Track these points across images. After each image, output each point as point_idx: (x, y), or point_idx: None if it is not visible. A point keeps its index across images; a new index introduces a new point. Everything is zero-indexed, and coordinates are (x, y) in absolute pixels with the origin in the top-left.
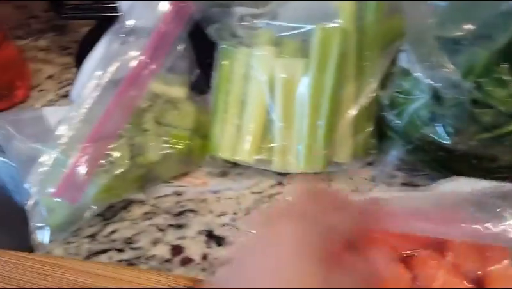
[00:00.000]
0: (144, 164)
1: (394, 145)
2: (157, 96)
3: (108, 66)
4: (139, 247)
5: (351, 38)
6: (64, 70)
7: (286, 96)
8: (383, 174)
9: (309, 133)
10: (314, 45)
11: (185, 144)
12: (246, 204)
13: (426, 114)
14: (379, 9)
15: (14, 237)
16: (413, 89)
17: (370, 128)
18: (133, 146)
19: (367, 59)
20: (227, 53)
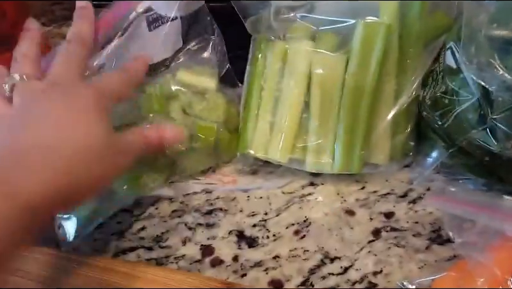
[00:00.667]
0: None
1: (435, 147)
2: (186, 86)
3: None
4: (168, 245)
5: (394, 35)
6: None
7: (323, 93)
8: (421, 177)
9: (346, 132)
10: (356, 40)
11: (213, 137)
12: (277, 204)
13: (474, 117)
14: (423, 6)
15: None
16: (460, 90)
17: (410, 128)
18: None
19: (409, 57)
20: (262, 46)
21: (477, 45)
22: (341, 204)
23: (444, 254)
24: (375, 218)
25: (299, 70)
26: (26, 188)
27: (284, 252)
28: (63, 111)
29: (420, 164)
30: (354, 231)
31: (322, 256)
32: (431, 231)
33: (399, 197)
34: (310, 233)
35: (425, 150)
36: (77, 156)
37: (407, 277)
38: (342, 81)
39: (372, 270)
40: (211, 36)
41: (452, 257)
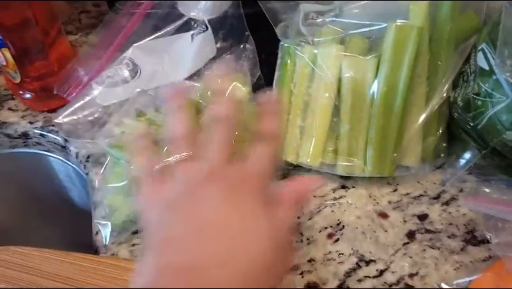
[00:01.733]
0: None
1: (467, 148)
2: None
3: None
4: None
5: (425, 37)
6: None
7: (354, 97)
8: (454, 178)
9: (378, 135)
10: (388, 43)
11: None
12: (309, 208)
13: (508, 118)
14: (453, 7)
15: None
16: (494, 92)
17: (441, 130)
18: None
19: (440, 59)
20: (290, 51)
21: (510, 47)
22: (373, 207)
23: (479, 255)
24: (408, 221)
25: (329, 74)
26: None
27: (319, 256)
28: (224, 217)
29: (452, 165)
30: (389, 233)
31: (357, 259)
32: (466, 232)
33: (432, 198)
34: (344, 236)
35: (457, 151)
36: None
37: (443, 279)
38: (372, 84)
39: (408, 272)
40: (244, 44)
41: (488, 258)
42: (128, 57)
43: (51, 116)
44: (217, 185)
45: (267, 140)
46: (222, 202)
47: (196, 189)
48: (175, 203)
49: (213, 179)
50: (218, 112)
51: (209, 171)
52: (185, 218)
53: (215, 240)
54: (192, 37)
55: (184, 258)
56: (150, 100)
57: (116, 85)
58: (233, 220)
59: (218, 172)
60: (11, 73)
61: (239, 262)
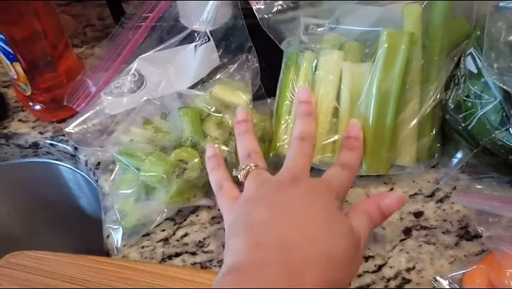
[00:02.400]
0: None
1: (459, 148)
2: (222, 102)
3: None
4: (210, 250)
5: (417, 42)
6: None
7: (352, 99)
8: (447, 177)
9: (373, 136)
10: (381, 49)
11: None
12: None
13: (496, 118)
14: (445, 12)
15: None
16: (482, 93)
17: (435, 131)
18: (202, 153)
19: (432, 63)
20: (293, 57)
21: (497, 51)
22: None
23: (473, 249)
24: (405, 218)
25: (329, 78)
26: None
27: None
28: (311, 209)
29: (445, 165)
30: (386, 230)
31: None
32: (459, 228)
33: (427, 196)
34: None
35: (450, 151)
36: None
37: (439, 272)
38: (368, 88)
39: (405, 266)
40: (246, 54)
41: (481, 252)
42: (134, 68)
43: (60, 126)
44: (297, 186)
45: (344, 168)
46: (303, 197)
47: (278, 186)
48: (257, 198)
49: (293, 183)
50: (299, 131)
51: (290, 178)
52: (269, 206)
53: (301, 225)
54: (196, 48)
55: (273, 237)
56: (156, 109)
57: (123, 95)
58: (317, 212)
59: (297, 180)
60: (22, 86)
61: (326, 245)
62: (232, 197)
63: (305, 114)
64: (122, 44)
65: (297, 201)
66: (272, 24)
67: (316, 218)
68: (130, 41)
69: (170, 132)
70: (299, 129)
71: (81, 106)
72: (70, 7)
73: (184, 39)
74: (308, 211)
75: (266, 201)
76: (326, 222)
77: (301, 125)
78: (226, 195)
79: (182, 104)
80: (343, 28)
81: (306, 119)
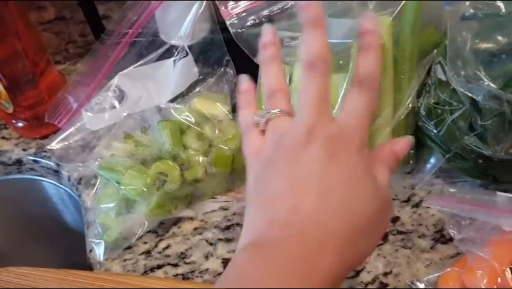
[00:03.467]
0: (191, 181)
1: (432, 154)
2: (201, 115)
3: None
4: (192, 261)
5: (388, 52)
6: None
7: None
8: (422, 182)
9: None
10: (352, 59)
11: (230, 165)
12: None
13: (465, 124)
14: (414, 23)
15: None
16: (451, 100)
17: None
18: (182, 165)
19: (404, 72)
20: None
21: (463, 60)
22: None
23: (448, 252)
24: None
25: None
26: (324, 268)
27: None
28: (330, 174)
29: (420, 170)
30: None
31: None
32: (435, 232)
33: (403, 202)
34: None
35: (424, 157)
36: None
37: (415, 276)
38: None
39: (382, 271)
40: (224, 68)
41: (456, 255)
42: (115, 84)
43: (43, 143)
44: (314, 144)
45: (363, 85)
46: (321, 161)
47: (293, 150)
48: (273, 162)
49: (309, 140)
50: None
51: (305, 131)
52: (284, 175)
53: (320, 198)
54: (174, 63)
55: (290, 214)
56: (137, 123)
57: (104, 111)
58: (338, 177)
59: (313, 131)
60: (4, 103)
61: (349, 218)
62: (256, 147)
63: (311, 27)
64: (102, 60)
65: (313, 168)
66: (246, 38)
67: (337, 187)
68: (110, 57)
69: (150, 145)
70: (304, 51)
71: (63, 122)
72: (51, 25)
73: (163, 54)
74: (327, 179)
75: (281, 167)
76: (348, 189)
77: (307, 44)
78: (251, 143)
79: (161, 118)
80: None
81: (311, 35)
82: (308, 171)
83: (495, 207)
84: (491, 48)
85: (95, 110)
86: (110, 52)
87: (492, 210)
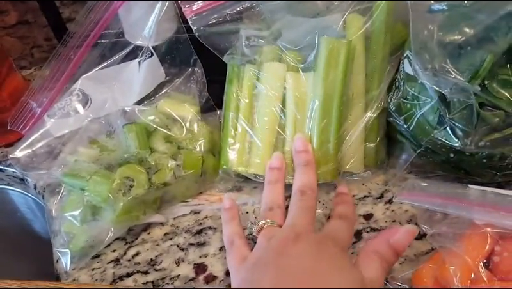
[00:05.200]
0: (160, 185)
1: (404, 149)
2: (169, 116)
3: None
4: (163, 268)
5: (359, 51)
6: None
7: (296, 110)
8: (395, 177)
9: (319, 145)
10: (321, 56)
11: (200, 167)
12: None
13: (434, 118)
14: (385, 20)
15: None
16: (420, 95)
17: (381, 136)
18: (149, 169)
19: (375, 70)
20: (236, 70)
21: (429, 53)
22: (322, 211)
23: (423, 248)
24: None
25: (272, 90)
26: None
27: None
28: (319, 267)
29: (393, 166)
30: None
31: None
32: None
33: (376, 198)
34: None
35: (396, 152)
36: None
37: (389, 273)
38: (312, 97)
39: None
40: (192, 67)
41: (431, 250)
42: (78, 88)
43: (8, 151)
44: (303, 242)
45: (343, 219)
46: (310, 256)
47: (282, 245)
48: (261, 259)
49: (298, 239)
50: (301, 184)
51: (293, 231)
52: (274, 270)
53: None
54: (140, 64)
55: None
56: (102, 127)
57: (68, 116)
58: (326, 270)
59: (303, 233)
60: None
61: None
62: (241, 257)
63: (303, 164)
64: (65, 63)
65: (302, 262)
66: (210, 36)
67: (325, 277)
68: (72, 59)
69: (116, 149)
70: (298, 182)
71: (26, 129)
72: (15, 29)
73: (127, 55)
74: (316, 271)
75: (271, 264)
76: (335, 280)
77: (300, 177)
78: (235, 254)
79: (127, 121)
80: (284, 39)
81: (304, 170)
82: (297, 264)
83: (467, 200)
84: (457, 40)
85: (58, 115)
86: (72, 55)
87: (464, 203)
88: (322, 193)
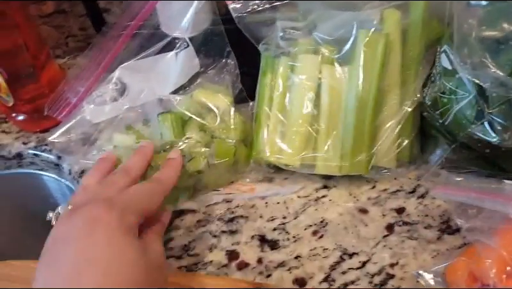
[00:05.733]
0: (194, 173)
1: (438, 144)
2: (203, 106)
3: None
4: (196, 253)
5: (395, 45)
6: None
7: (331, 101)
8: (428, 173)
9: (354, 137)
10: (358, 48)
11: (232, 156)
12: (294, 208)
13: (472, 113)
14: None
15: None
16: (457, 89)
17: (415, 132)
18: (184, 157)
19: (411, 65)
20: (270, 62)
21: (469, 47)
22: (354, 204)
23: (455, 242)
24: (387, 215)
25: (307, 81)
26: None
27: (305, 252)
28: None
29: (425, 161)
30: (369, 227)
31: (341, 252)
32: (441, 223)
33: (408, 193)
34: (328, 233)
35: (430, 148)
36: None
37: (422, 267)
38: (347, 89)
39: (388, 262)
40: (226, 59)
41: (463, 245)
42: (116, 77)
43: (44, 136)
44: (73, 218)
45: (153, 182)
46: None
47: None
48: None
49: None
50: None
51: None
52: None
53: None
54: (176, 55)
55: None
56: (138, 116)
57: (105, 103)
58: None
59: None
60: (4, 97)
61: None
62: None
63: (136, 152)
64: (103, 53)
65: (76, 240)
66: (248, 24)
67: (94, 260)
68: (111, 50)
69: (152, 138)
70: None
71: (62, 115)
72: (51, 18)
73: (164, 47)
74: (88, 250)
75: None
76: (105, 263)
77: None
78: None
79: (162, 110)
80: (319, 31)
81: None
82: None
83: (502, 195)
84: (497, 35)
85: (96, 102)
86: (111, 45)
87: (499, 198)
88: (353, 187)
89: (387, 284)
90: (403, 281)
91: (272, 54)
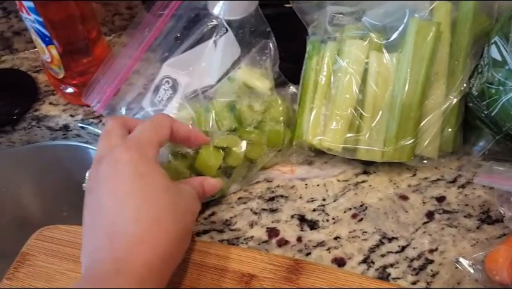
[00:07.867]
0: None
1: (481, 135)
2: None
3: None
4: (237, 228)
5: (445, 35)
6: (146, 63)
7: (377, 87)
8: (470, 164)
9: (399, 124)
10: (409, 36)
11: (281, 141)
12: (334, 191)
13: None
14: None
15: None
16: (507, 80)
17: (459, 123)
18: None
19: (459, 56)
20: (316, 47)
21: None
22: (394, 190)
23: (494, 232)
24: (427, 202)
25: (352, 68)
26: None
27: (344, 234)
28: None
29: (468, 152)
30: (409, 213)
31: (380, 236)
32: (481, 213)
33: (449, 182)
34: (367, 216)
35: (473, 138)
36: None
37: (461, 254)
38: (394, 76)
39: (428, 248)
40: (266, 41)
41: (502, 235)
42: (163, 75)
43: (91, 110)
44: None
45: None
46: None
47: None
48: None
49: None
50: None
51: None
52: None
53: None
54: (215, 43)
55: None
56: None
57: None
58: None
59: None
60: (55, 69)
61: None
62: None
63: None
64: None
65: (106, 181)
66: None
67: (128, 192)
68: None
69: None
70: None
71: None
72: None
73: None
74: (120, 187)
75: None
76: (140, 192)
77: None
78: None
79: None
80: (369, 17)
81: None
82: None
83: None
84: None
85: (157, 105)
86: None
87: None
88: (393, 174)
89: (426, 269)
90: (442, 267)
91: (319, 38)
